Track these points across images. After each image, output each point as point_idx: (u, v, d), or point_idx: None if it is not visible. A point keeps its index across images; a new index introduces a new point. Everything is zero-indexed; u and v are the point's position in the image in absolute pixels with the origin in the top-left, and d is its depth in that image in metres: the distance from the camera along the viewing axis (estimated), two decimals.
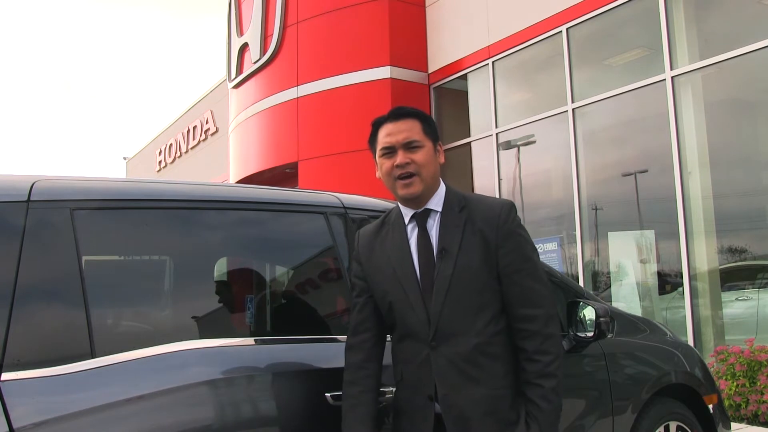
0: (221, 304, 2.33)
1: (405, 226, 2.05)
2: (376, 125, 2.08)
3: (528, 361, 1.90)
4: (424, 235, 2.00)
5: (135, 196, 2.13)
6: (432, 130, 2.05)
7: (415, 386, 1.98)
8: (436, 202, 2.02)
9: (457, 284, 1.92)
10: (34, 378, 1.70)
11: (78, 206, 1.96)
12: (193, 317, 2.23)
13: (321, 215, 2.46)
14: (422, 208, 2.02)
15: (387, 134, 2.02)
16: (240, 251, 2.54)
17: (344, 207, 2.53)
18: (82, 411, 1.71)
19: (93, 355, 1.81)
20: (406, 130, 1.99)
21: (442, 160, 2.07)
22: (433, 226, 2.00)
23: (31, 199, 1.88)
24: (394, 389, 2.13)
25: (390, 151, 2.00)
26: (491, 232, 1.93)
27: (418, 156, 1.98)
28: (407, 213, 2.05)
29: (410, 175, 1.97)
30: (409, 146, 1.98)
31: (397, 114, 2.04)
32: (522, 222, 2.04)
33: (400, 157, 1.98)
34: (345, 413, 2.01)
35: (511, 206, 1.99)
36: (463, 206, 2.00)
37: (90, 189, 2.06)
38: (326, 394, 2.10)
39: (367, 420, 1.99)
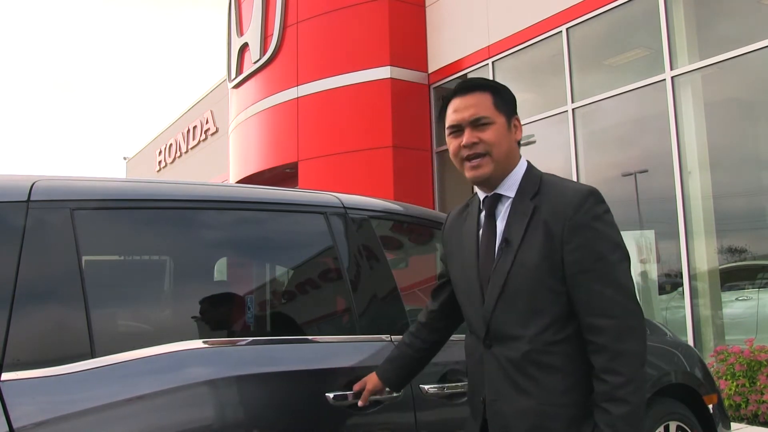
0: (222, 304, 2.33)
1: (479, 211, 1.87)
2: (446, 101, 1.88)
3: (596, 380, 1.64)
4: (490, 223, 1.81)
5: (135, 196, 2.12)
6: (506, 102, 1.82)
7: (473, 385, 1.89)
8: (509, 186, 1.80)
9: (514, 282, 1.72)
10: (34, 378, 1.70)
11: (78, 206, 1.95)
12: (193, 317, 2.23)
13: (321, 215, 2.46)
14: (493, 193, 1.82)
15: (454, 110, 1.81)
16: (240, 252, 2.53)
17: (344, 207, 2.53)
18: (83, 411, 1.71)
19: (93, 355, 1.80)
20: (474, 105, 1.78)
21: (518, 136, 1.84)
22: (501, 214, 1.80)
23: (31, 199, 1.88)
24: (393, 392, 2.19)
25: (457, 129, 1.81)
26: (557, 225, 1.68)
27: (488, 134, 1.77)
28: (481, 196, 1.87)
29: (479, 156, 1.77)
30: (477, 123, 1.77)
31: (466, 87, 1.82)
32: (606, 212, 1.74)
33: (467, 137, 1.78)
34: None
35: (587, 194, 1.70)
36: (536, 192, 1.75)
37: (90, 189, 2.05)
38: (326, 394, 2.09)
39: (392, 361, 2.13)
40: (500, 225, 1.80)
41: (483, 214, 1.85)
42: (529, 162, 1.85)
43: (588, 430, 1.65)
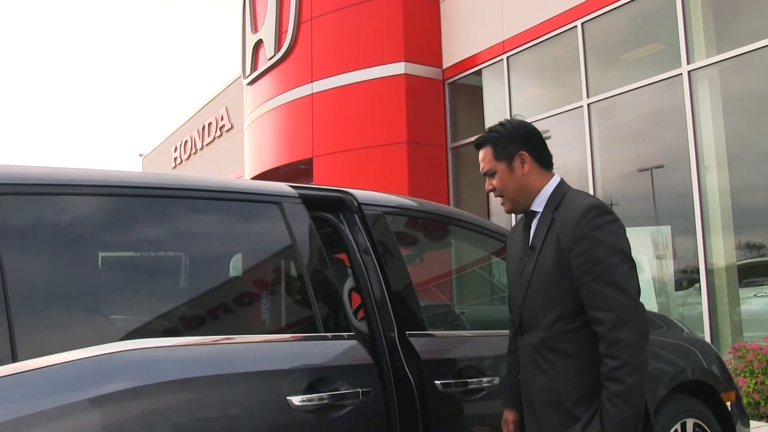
0: (163, 301, 2.12)
1: (524, 223, 2.24)
2: None
3: (601, 363, 1.95)
4: (525, 233, 2.19)
5: (64, 182, 1.91)
6: (506, 146, 2.16)
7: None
8: (539, 203, 2.16)
9: (535, 281, 2.08)
10: None
11: None
12: (131, 316, 2.04)
13: (276, 205, 2.33)
14: (528, 210, 2.19)
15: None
16: (190, 244, 2.29)
17: (358, 203, 2.53)
18: (2, 423, 1.49)
19: (14, 359, 1.61)
20: (482, 160, 2.20)
21: (525, 170, 2.15)
22: (534, 225, 2.16)
23: None
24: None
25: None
26: (565, 236, 2.01)
27: (496, 181, 2.18)
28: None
29: (499, 196, 2.21)
30: (487, 174, 2.20)
31: (475, 145, 2.24)
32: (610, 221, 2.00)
33: (487, 184, 2.23)
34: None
35: (588, 209, 2.01)
36: (557, 206, 2.10)
37: (10, 173, 1.85)
38: (287, 398, 1.95)
39: (510, 390, 2.30)
40: (532, 234, 2.16)
41: (523, 225, 2.23)
42: (561, 179, 2.19)
43: (596, 405, 1.95)
